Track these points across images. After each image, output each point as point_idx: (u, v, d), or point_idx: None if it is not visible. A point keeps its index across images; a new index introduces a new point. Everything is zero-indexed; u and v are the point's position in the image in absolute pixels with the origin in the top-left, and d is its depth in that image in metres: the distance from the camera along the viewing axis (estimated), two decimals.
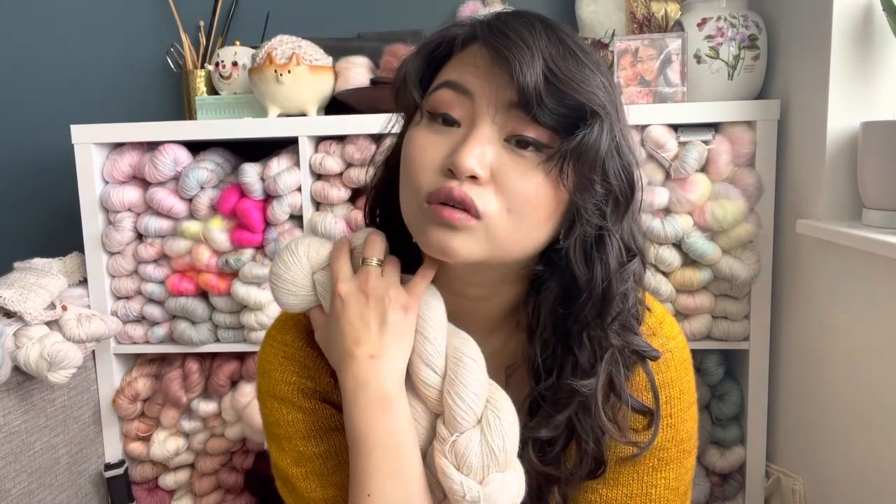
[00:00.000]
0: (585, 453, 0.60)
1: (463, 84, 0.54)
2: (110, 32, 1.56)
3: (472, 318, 0.64)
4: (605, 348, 0.59)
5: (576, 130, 0.52)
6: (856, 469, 0.98)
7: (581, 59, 0.54)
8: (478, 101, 0.54)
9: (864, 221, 0.98)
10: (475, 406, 0.55)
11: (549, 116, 0.52)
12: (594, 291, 0.58)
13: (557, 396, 0.59)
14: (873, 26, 1.00)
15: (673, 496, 0.64)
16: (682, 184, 1.16)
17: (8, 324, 1.10)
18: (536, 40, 0.52)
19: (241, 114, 1.34)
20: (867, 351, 0.95)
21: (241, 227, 1.24)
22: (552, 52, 0.52)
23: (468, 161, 0.52)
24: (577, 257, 0.57)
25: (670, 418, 0.63)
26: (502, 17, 0.56)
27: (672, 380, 0.64)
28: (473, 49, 0.56)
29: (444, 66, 0.58)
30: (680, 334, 0.67)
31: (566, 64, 0.52)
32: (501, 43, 0.52)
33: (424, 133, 0.56)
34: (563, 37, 0.54)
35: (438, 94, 0.56)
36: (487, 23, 0.55)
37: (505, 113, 0.53)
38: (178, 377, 1.31)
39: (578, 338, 0.59)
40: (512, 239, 0.55)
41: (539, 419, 0.60)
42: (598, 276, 0.57)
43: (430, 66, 0.59)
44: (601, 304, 0.58)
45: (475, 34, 0.56)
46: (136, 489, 1.39)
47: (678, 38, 1.18)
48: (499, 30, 0.53)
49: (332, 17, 1.52)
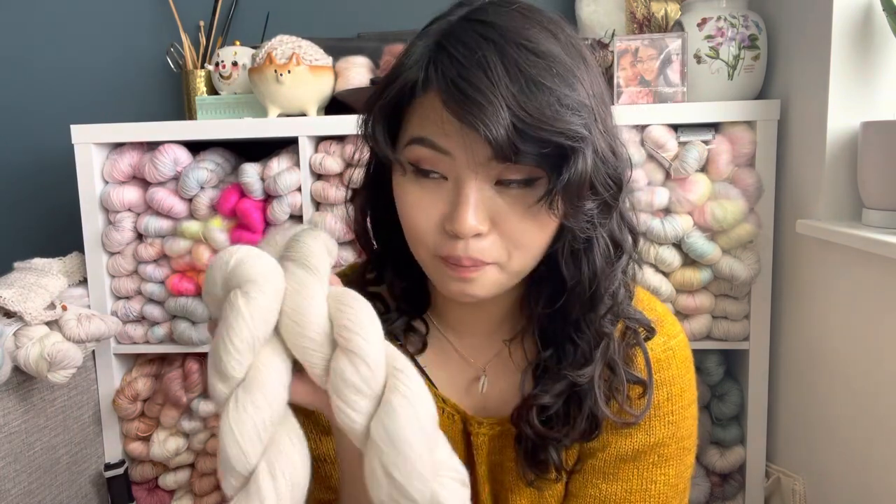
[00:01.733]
0: (581, 413, 0.61)
1: (438, 144, 0.53)
2: (110, 32, 1.56)
3: (476, 322, 0.67)
4: (602, 337, 0.61)
5: (560, 159, 0.51)
6: (856, 469, 0.98)
7: (545, 85, 0.51)
8: (457, 160, 0.53)
9: (864, 221, 0.98)
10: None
11: (530, 158, 0.51)
12: (582, 290, 0.59)
13: (557, 368, 0.61)
14: (873, 26, 1.00)
15: (672, 493, 0.65)
16: (682, 184, 1.16)
17: (8, 324, 1.10)
18: (497, 87, 0.49)
19: (241, 114, 1.34)
20: (867, 351, 0.95)
21: (241, 227, 1.24)
22: (515, 93, 0.49)
23: (468, 224, 0.52)
24: (566, 259, 0.59)
25: (671, 415, 0.64)
26: (454, 58, 0.52)
27: (673, 377, 0.64)
28: (431, 99, 0.53)
29: (410, 109, 0.56)
30: (681, 333, 0.67)
31: (533, 101, 0.50)
32: (461, 103, 0.50)
33: (414, 188, 0.56)
34: (524, 61, 0.51)
35: (415, 149, 0.54)
36: (441, 71, 0.52)
37: (486, 164, 0.52)
38: (178, 377, 1.31)
39: (576, 326, 0.61)
40: (523, 267, 0.57)
41: (542, 387, 0.61)
42: (586, 275, 0.59)
43: (393, 116, 0.57)
44: (590, 302, 0.60)
45: (430, 82, 0.53)
46: (136, 489, 1.39)
47: (678, 38, 1.18)
48: (454, 83, 0.50)
49: (332, 17, 1.52)
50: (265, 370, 0.44)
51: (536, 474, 0.63)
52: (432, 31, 0.56)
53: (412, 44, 0.57)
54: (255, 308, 0.44)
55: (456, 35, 0.53)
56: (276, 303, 0.45)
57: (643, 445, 0.64)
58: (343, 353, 0.44)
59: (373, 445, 0.42)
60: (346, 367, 0.43)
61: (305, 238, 0.49)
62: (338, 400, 0.44)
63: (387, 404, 0.43)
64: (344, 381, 0.43)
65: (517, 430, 0.63)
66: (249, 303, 0.44)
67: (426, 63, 0.54)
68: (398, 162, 0.56)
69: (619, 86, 1.20)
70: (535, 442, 0.62)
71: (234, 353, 0.43)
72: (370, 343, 0.44)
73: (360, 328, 0.44)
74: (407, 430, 0.42)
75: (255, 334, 0.44)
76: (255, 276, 0.44)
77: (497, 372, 0.67)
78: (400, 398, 0.43)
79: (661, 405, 0.64)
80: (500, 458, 0.67)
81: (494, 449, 0.67)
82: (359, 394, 0.43)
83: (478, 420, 0.67)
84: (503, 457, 0.67)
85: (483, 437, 0.67)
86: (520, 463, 0.64)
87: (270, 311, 0.45)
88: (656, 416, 0.64)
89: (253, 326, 0.43)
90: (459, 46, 0.52)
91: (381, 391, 0.44)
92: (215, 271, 0.46)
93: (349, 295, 0.47)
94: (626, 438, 0.64)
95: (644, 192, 1.16)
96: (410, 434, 0.42)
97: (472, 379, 0.68)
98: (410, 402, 0.43)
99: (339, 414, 0.44)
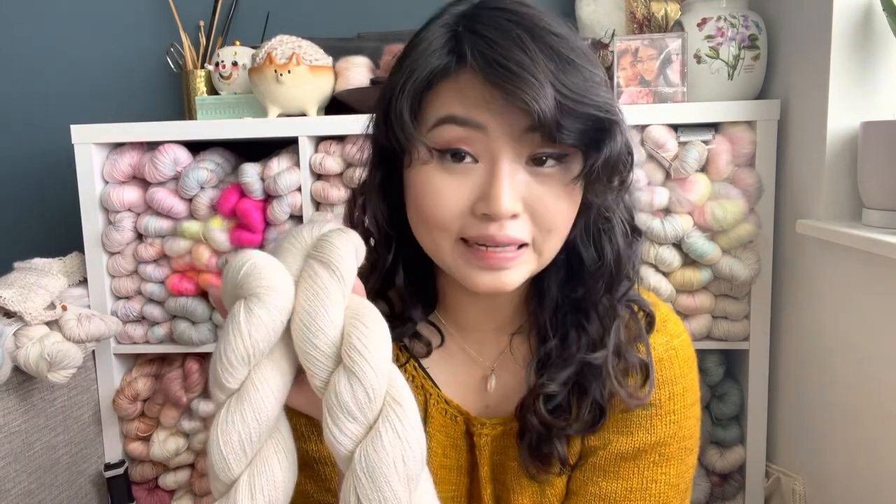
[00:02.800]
0: (588, 401, 0.61)
1: (473, 119, 0.52)
2: (110, 32, 1.56)
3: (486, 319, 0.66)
4: (613, 319, 0.61)
5: (597, 134, 0.52)
6: (856, 469, 0.98)
7: (577, 63, 0.52)
8: (493, 135, 0.52)
9: (864, 221, 0.98)
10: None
11: (570, 136, 0.51)
12: (604, 272, 0.60)
13: (564, 355, 0.61)
14: (873, 26, 1.00)
15: (673, 493, 0.64)
16: (682, 184, 1.16)
17: (8, 324, 1.10)
18: (536, 63, 0.50)
19: (241, 114, 1.34)
20: (867, 351, 0.95)
21: (241, 227, 1.24)
22: (553, 70, 0.51)
23: (506, 204, 0.52)
24: (585, 241, 0.60)
25: (673, 415, 0.64)
26: (488, 38, 0.52)
27: (676, 377, 0.64)
28: (468, 78, 0.53)
29: (432, 94, 0.55)
30: (684, 332, 0.67)
31: (572, 79, 0.51)
32: (506, 78, 0.50)
33: (438, 174, 0.54)
34: (553, 42, 0.52)
35: (444, 130, 0.53)
36: (478, 51, 0.52)
37: (521, 139, 0.52)
38: (178, 377, 1.31)
39: (586, 312, 0.61)
40: (551, 251, 0.57)
41: (548, 375, 0.61)
42: (608, 255, 0.60)
43: (416, 103, 0.56)
44: (611, 281, 0.61)
45: (464, 62, 0.53)
46: (136, 489, 1.39)
47: (678, 38, 1.18)
48: (495, 61, 0.51)
49: (332, 17, 1.52)
50: (260, 385, 0.43)
51: (539, 468, 0.63)
52: (447, 21, 0.55)
53: (425, 33, 0.56)
54: (254, 324, 0.43)
55: (481, 19, 0.54)
56: (281, 319, 0.44)
57: (644, 444, 0.63)
58: (345, 372, 0.43)
59: (353, 472, 0.41)
60: (345, 389, 0.42)
61: (336, 239, 0.47)
62: (329, 418, 0.43)
63: (376, 436, 0.42)
64: (339, 401, 0.42)
65: (521, 424, 0.63)
66: (250, 318, 0.43)
67: (454, 46, 0.54)
68: (426, 145, 0.54)
69: (619, 86, 1.20)
70: (539, 434, 0.62)
71: (228, 366, 0.43)
72: (375, 371, 0.43)
73: (369, 353, 0.43)
74: (390, 467, 0.41)
75: (250, 351, 0.43)
76: (261, 290, 0.43)
77: (504, 370, 0.67)
78: (391, 433, 0.42)
79: (664, 404, 0.63)
80: (502, 458, 0.67)
81: (497, 449, 0.67)
82: (351, 419, 0.42)
83: (480, 421, 0.67)
84: (505, 457, 0.67)
85: (486, 438, 0.67)
86: (523, 457, 0.63)
87: (272, 327, 0.43)
88: (658, 415, 0.63)
89: (249, 343, 0.43)
90: (490, 28, 0.52)
91: (374, 420, 0.43)
92: (228, 276, 0.45)
93: (367, 311, 0.46)
94: (627, 437, 0.64)
95: (644, 192, 1.16)
96: (392, 472, 0.41)
97: (478, 378, 0.68)
98: (400, 439, 0.42)
99: (327, 432, 0.43)
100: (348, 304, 0.46)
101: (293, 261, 0.47)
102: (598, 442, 0.64)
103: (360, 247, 0.49)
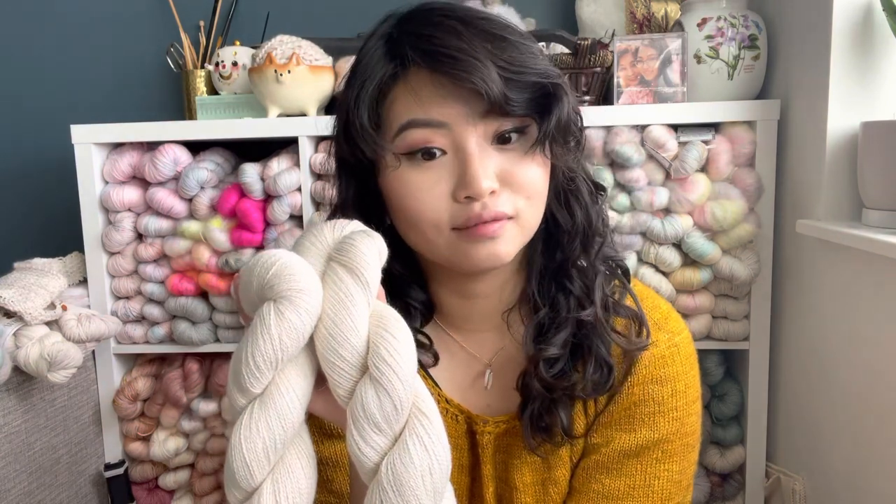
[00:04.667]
0: (592, 359, 0.63)
1: (434, 118, 0.55)
2: (110, 32, 1.56)
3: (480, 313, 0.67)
4: (595, 275, 0.64)
5: (545, 100, 0.55)
6: (856, 469, 0.98)
7: (511, 39, 0.55)
8: (455, 127, 0.55)
9: (864, 221, 0.98)
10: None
11: (520, 107, 0.54)
12: (577, 231, 0.63)
13: (557, 320, 0.63)
14: (873, 26, 1.00)
15: (675, 489, 0.65)
16: (682, 184, 1.16)
17: (8, 324, 1.10)
18: (474, 46, 0.53)
19: (241, 114, 1.34)
20: (867, 351, 0.95)
21: (241, 227, 1.24)
22: (491, 49, 0.54)
23: (482, 183, 0.54)
24: (558, 206, 0.63)
25: (676, 412, 0.64)
26: (424, 35, 0.54)
27: (678, 374, 0.65)
28: (417, 78, 0.55)
29: (387, 103, 0.57)
30: (685, 329, 0.68)
31: (510, 54, 0.54)
32: (450, 65, 0.53)
33: (413, 174, 0.56)
34: (484, 25, 0.55)
35: (408, 134, 0.55)
36: (419, 48, 0.54)
37: (480, 122, 0.55)
38: (178, 377, 1.31)
39: (568, 274, 0.64)
40: (536, 219, 0.60)
41: (545, 340, 0.63)
42: (579, 215, 0.63)
43: (371, 117, 0.57)
44: (585, 240, 0.64)
45: (407, 63, 0.55)
46: (136, 489, 1.39)
47: (678, 38, 1.18)
48: (437, 53, 0.53)
49: (332, 17, 1.52)
50: (285, 390, 0.42)
51: (542, 440, 0.63)
52: (382, 32, 0.58)
53: (365, 48, 0.58)
54: (285, 328, 0.41)
55: (412, 21, 0.57)
56: (311, 323, 0.43)
57: (647, 441, 0.64)
58: (372, 384, 0.42)
59: (378, 485, 0.41)
60: (372, 401, 0.41)
61: (360, 243, 0.46)
62: (354, 429, 0.42)
63: (403, 448, 0.41)
64: (365, 413, 0.41)
65: (524, 396, 0.64)
66: (281, 322, 0.41)
67: (394, 50, 0.56)
68: (393, 153, 0.56)
69: (619, 86, 1.20)
70: (542, 401, 0.62)
71: (255, 369, 0.41)
72: (403, 383, 0.42)
73: (397, 365, 0.42)
74: (417, 481, 0.40)
75: (279, 355, 0.41)
76: (293, 293, 0.42)
77: (501, 367, 0.67)
78: (418, 445, 0.41)
79: (666, 401, 0.64)
80: (505, 456, 0.67)
81: (500, 447, 0.68)
82: (377, 431, 0.41)
83: (483, 419, 0.67)
84: (508, 455, 0.67)
85: (488, 436, 0.67)
86: (525, 434, 0.64)
87: (302, 332, 0.42)
88: (661, 412, 0.64)
89: (279, 347, 0.41)
90: (424, 26, 0.55)
91: (400, 432, 0.42)
92: (253, 274, 0.43)
93: (392, 320, 0.44)
94: (630, 434, 0.64)
95: (644, 192, 1.16)
96: (420, 486, 0.40)
97: (476, 375, 0.68)
98: (427, 452, 0.41)
99: (352, 443, 0.42)
100: (372, 311, 0.45)
101: (315, 261, 0.46)
102: (601, 439, 0.65)
103: (383, 251, 0.48)
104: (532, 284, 0.65)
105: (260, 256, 0.44)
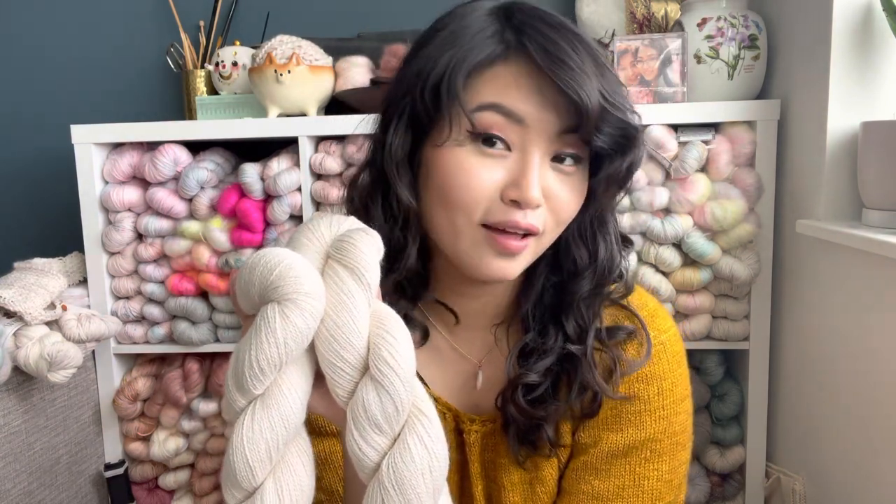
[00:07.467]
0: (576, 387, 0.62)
1: (515, 112, 0.54)
2: (110, 32, 1.56)
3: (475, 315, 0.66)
4: (593, 318, 0.63)
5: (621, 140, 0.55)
6: (856, 469, 0.98)
7: (609, 72, 0.55)
8: (531, 129, 0.55)
9: (864, 221, 0.98)
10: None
11: (603, 140, 0.54)
12: (595, 269, 0.62)
13: (544, 346, 0.63)
14: (873, 26, 1.00)
15: (666, 489, 0.64)
16: (682, 184, 1.16)
17: (8, 324, 1.10)
18: (585, 62, 0.53)
19: (241, 114, 1.34)
20: (867, 351, 0.95)
21: (241, 227, 1.24)
22: (596, 73, 0.53)
23: (535, 194, 0.54)
24: (578, 240, 0.62)
25: (662, 410, 0.64)
26: (543, 33, 0.54)
27: (664, 372, 0.64)
28: (520, 69, 0.54)
29: (477, 78, 0.55)
30: (673, 327, 0.67)
31: (611, 86, 0.54)
32: (562, 70, 0.52)
33: (470, 155, 0.55)
34: (591, 50, 0.55)
35: (484, 115, 0.55)
36: (537, 42, 0.53)
37: (554, 138, 0.55)
38: (178, 377, 1.31)
39: (566, 308, 0.63)
40: (550, 242, 0.60)
41: (527, 366, 0.62)
42: (602, 254, 0.62)
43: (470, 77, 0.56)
44: (600, 281, 0.63)
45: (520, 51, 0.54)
46: (136, 489, 1.39)
47: (678, 38, 1.18)
48: (554, 54, 0.53)
49: (332, 17, 1.52)
50: (287, 390, 0.42)
51: (529, 452, 0.64)
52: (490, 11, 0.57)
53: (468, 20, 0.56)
54: (290, 332, 0.41)
55: (534, 15, 0.56)
56: (315, 326, 0.42)
57: (634, 441, 0.63)
58: (373, 384, 0.42)
59: (379, 484, 0.41)
60: (373, 401, 0.41)
61: (359, 241, 0.45)
62: (354, 429, 0.42)
63: (403, 448, 0.41)
64: (366, 413, 0.41)
65: (503, 415, 0.64)
66: (287, 325, 0.41)
67: (507, 35, 0.55)
68: (471, 125, 0.55)
69: None
70: (521, 424, 0.63)
71: (258, 371, 0.41)
72: (404, 383, 0.42)
73: (398, 366, 0.42)
74: (418, 479, 0.40)
75: (283, 358, 0.41)
76: (299, 296, 0.41)
77: (492, 367, 0.67)
78: (419, 445, 0.41)
79: (652, 400, 0.63)
80: (492, 455, 0.67)
81: (487, 446, 0.67)
82: (378, 431, 0.42)
83: (470, 417, 0.67)
84: (496, 454, 0.67)
85: (475, 435, 0.67)
86: (512, 445, 0.64)
87: (307, 335, 0.42)
88: (647, 410, 0.63)
89: (284, 350, 0.41)
90: (544, 24, 0.55)
91: (399, 431, 0.42)
92: (255, 273, 0.43)
93: (392, 320, 0.44)
94: (617, 434, 0.64)
95: (644, 192, 1.16)
96: (421, 484, 0.40)
97: (466, 375, 0.68)
98: (428, 451, 0.41)
99: (352, 443, 0.42)
100: (372, 312, 0.45)
101: (313, 259, 0.45)
102: (588, 439, 0.64)
103: (381, 248, 0.48)
104: (528, 304, 0.64)
105: (261, 255, 0.43)
